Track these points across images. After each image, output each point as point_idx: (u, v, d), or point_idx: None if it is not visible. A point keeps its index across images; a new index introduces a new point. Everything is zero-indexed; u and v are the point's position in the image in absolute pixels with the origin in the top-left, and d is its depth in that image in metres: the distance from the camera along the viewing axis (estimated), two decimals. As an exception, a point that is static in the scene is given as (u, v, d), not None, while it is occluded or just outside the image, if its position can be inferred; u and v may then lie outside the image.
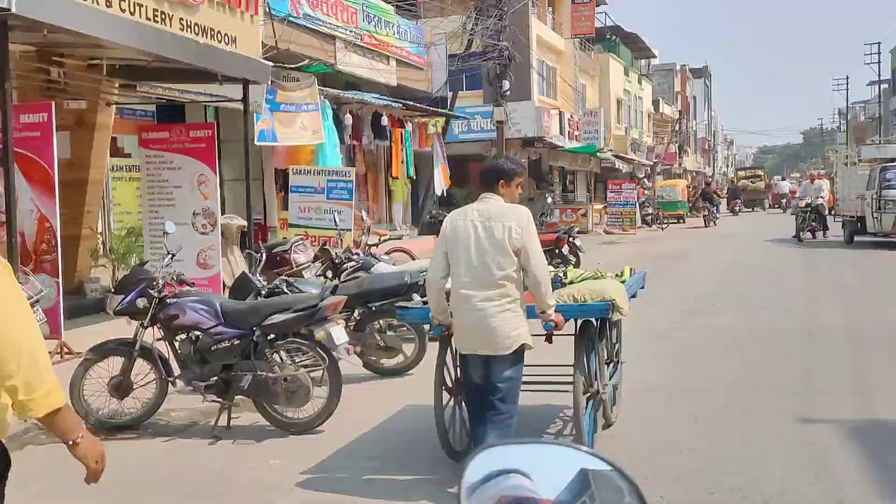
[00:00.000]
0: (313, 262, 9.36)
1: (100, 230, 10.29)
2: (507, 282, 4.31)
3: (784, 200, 39.86)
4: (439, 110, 20.44)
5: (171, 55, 7.41)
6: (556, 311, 4.55)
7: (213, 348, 5.47)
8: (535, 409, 5.91)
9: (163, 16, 7.40)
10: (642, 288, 6.43)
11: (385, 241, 12.68)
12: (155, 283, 5.59)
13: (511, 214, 4.36)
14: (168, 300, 5.56)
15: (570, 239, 14.33)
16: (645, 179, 41.18)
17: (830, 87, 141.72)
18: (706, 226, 30.39)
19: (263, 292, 6.74)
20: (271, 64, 9.54)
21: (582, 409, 4.76)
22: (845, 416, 5.63)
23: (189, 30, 7.76)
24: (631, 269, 6.31)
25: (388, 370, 7.31)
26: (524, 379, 4.80)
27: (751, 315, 9.83)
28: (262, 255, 8.02)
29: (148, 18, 7.19)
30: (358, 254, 10.12)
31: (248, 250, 8.00)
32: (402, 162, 17.54)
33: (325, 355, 5.40)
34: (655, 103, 51.26)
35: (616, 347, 6.05)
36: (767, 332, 8.65)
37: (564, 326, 4.71)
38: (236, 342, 5.46)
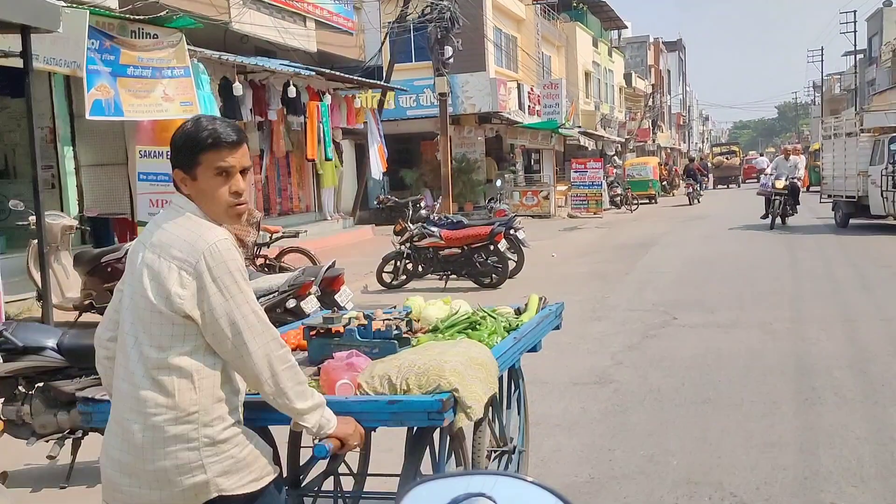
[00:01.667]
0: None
1: None
2: (169, 376, 2.07)
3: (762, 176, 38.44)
4: (372, 81, 17.87)
5: None
6: (340, 413, 2.35)
7: None
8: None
9: None
10: (557, 328, 4.06)
11: (278, 239, 10.17)
12: None
13: (181, 244, 2.10)
14: None
15: (511, 231, 11.77)
16: (615, 157, 38.91)
17: (805, 59, 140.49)
18: (691, 203, 29.82)
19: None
20: (62, 4, 6.96)
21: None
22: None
23: None
24: (541, 300, 4.00)
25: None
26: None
27: (723, 337, 7.46)
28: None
29: None
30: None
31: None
32: (320, 141, 14.94)
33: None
34: (627, 77, 49.18)
35: (515, 421, 3.73)
36: (745, 371, 6.25)
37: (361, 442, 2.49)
38: None
